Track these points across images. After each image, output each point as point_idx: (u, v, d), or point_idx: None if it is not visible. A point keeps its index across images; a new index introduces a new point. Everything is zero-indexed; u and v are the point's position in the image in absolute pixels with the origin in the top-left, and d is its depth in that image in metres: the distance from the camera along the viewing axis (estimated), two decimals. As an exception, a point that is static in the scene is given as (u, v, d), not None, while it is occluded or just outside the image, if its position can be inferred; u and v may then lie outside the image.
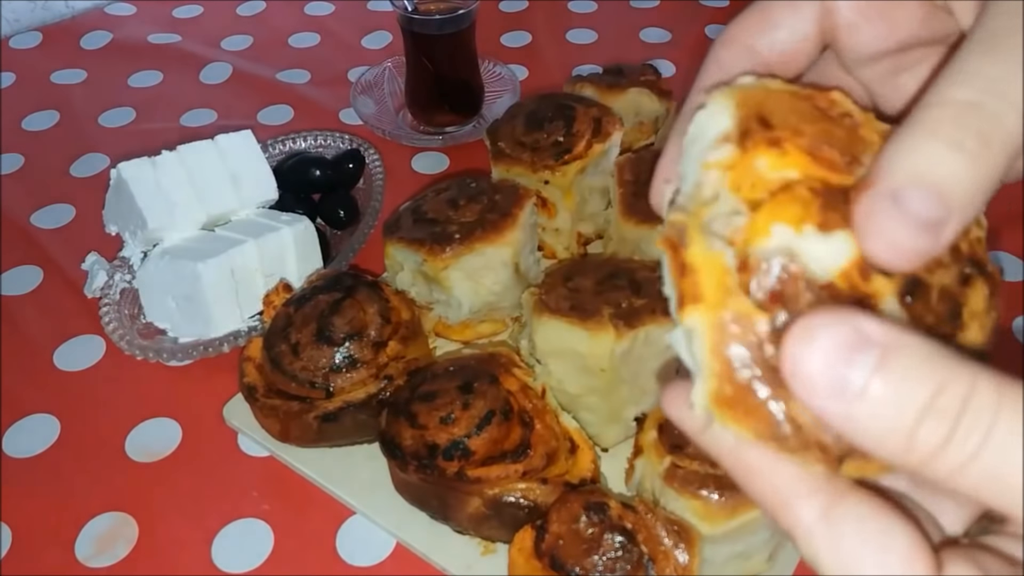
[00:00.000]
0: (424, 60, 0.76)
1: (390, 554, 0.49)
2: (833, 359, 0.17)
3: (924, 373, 0.17)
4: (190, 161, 0.61)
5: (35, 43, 0.94)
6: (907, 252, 0.19)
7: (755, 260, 0.19)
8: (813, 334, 0.18)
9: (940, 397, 0.17)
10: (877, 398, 0.17)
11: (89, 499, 0.52)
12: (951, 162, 0.18)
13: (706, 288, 0.19)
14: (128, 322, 0.60)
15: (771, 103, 0.21)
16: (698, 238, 0.20)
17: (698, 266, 0.19)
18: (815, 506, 0.19)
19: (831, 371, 0.17)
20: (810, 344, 0.17)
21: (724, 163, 0.20)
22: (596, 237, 0.67)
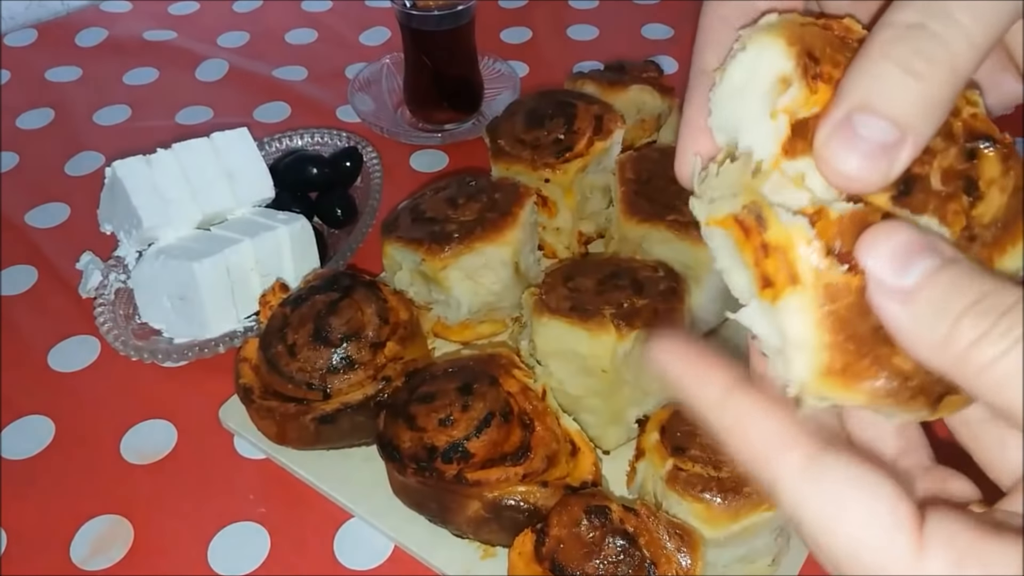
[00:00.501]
0: (423, 56, 0.75)
1: (388, 558, 0.49)
2: (899, 254, 0.18)
3: (972, 284, 0.18)
4: (185, 159, 0.60)
5: (30, 40, 0.93)
6: (863, 176, 0.19)
7: (830, 223, 0.19)
8: (885, 234, 0.19)
9: (983, 302, 0.18)
10: (929, 297, 0.18)
11: (84, 501, 0.52)
12: (899, 84, 0.19)
13: (801, 267, 0.19)
14: (123, 322, 0.60)
15: (809, 37, 0.21)
16: (773, 216, 0.19)
17: (784, 245, 0.19)
18: (797, 457, 0.20)
19: (900, 253, 0.18)
20: (878, 242, 0.18)
21: (793, 106, 0.20)
22: (597, 236, 0.67)
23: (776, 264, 0.19)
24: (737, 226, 0.20)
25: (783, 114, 0.20)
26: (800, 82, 0.20)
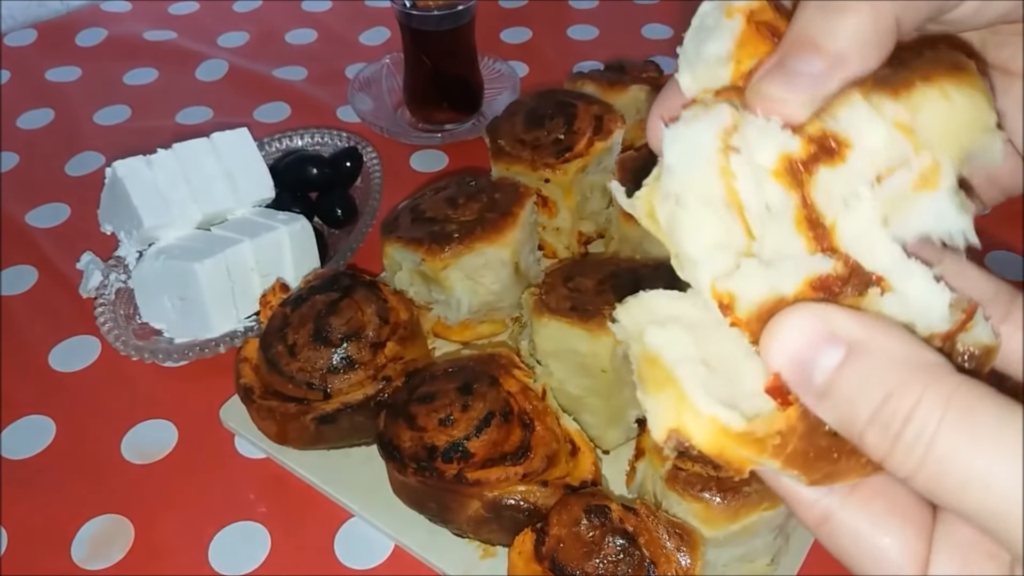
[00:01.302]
0: (423, 56, 0.76)
1: (388, 557, 0.49)
2: (801, 350, 0.19)
3: (880, 377, 0.18)
4: (186, 159, 0.60)
5: (30, 40, 0.93)
6: (791, 98, 0.20)
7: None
8: (784, 327, 0.19)
9: (886, 406, 0.18)
10: (834, 395, 0.18)
11: (85, 501, 0.52)
12: (826, 23, 0.20)
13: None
14: (124, 322, 0.60)
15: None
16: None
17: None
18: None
19: (798, 362, 0.19)
20: (781, 337, 0.19)
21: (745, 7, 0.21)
22: (597, 236, 0.67)
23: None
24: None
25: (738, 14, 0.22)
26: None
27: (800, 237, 0.20)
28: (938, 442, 0.17)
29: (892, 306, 0.20)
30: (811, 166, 0.21)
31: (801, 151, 0.21)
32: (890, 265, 0.20)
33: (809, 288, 0.20)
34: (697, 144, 0.21)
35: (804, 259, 0.20)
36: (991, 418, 0.17)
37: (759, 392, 0.20)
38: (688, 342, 0.20)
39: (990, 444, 0.17)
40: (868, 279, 0.20)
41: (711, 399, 0.19)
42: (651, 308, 0.21)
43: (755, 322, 0.20)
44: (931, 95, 0.20)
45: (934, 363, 0.18)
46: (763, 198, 0.20)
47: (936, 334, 0.20)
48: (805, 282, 0.20)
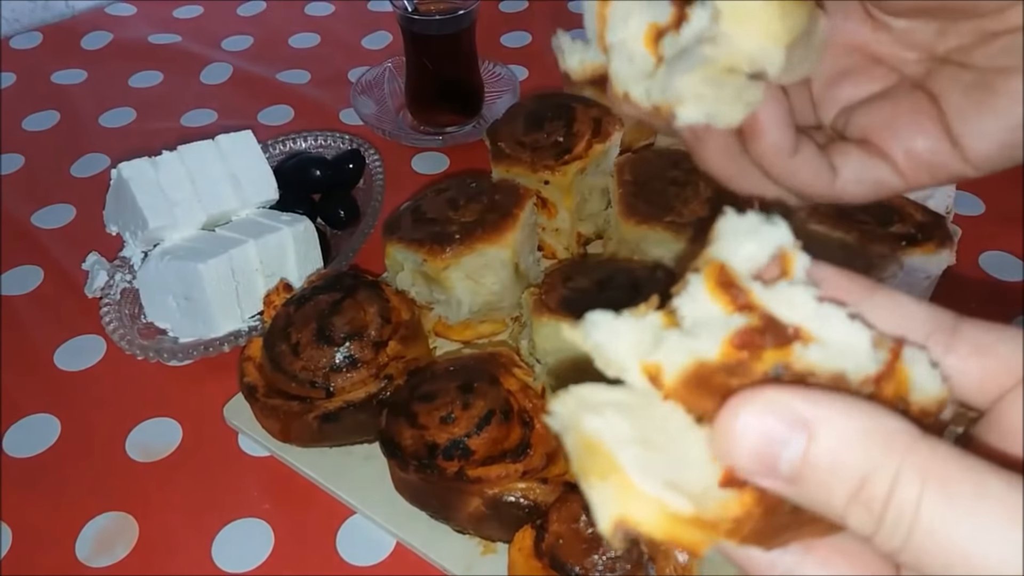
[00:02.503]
0: (424, 60, 0.76)
1: (390, 554, 0.49)
2: (762, 442, 0.18)
3: (851, 456, 0.17)
4: (190, 161, 0.61)
5: (35, 43, 0.94)
6: None
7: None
8: (738, 424, 0.18)
9: (866, 486, 0.17)
10: (808, 482, 0.18)
11: (89, 499, 0.52)
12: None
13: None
14: (129, 322, 0.60)
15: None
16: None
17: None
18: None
19: (761, 455, 0.18)
20: (736, 436, 0.18)
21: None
22: (596, 237, 0.67)
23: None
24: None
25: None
26: None
27: (717, 301, 0.20)
28: (921, 519, 0.17)
29: (817, 356, 0.19)
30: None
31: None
32: (806, 312, 0.20)
33: (731, 347, 0.19)
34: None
35: (722, 319, 0.20)
36: (967, 487, 0.17)
37: (706, 462, 0.19)
38: (626, 425, 0.19)
39: (968, 515, 0.16)
40: (786, 332, 0.20)
41: (656, 482, 0.19)
42: (585, 397, 0.20)
43: (685, 391, 0.19)
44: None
45: (900, 431, 0.17)
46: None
47: (868, 377, 0.19)
48: (726, 342, 0.19)
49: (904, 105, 0.27)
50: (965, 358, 0.21)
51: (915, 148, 0.27)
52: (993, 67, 0.26)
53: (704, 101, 0.24)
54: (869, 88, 0.29)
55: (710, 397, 0.19)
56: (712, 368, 0.19)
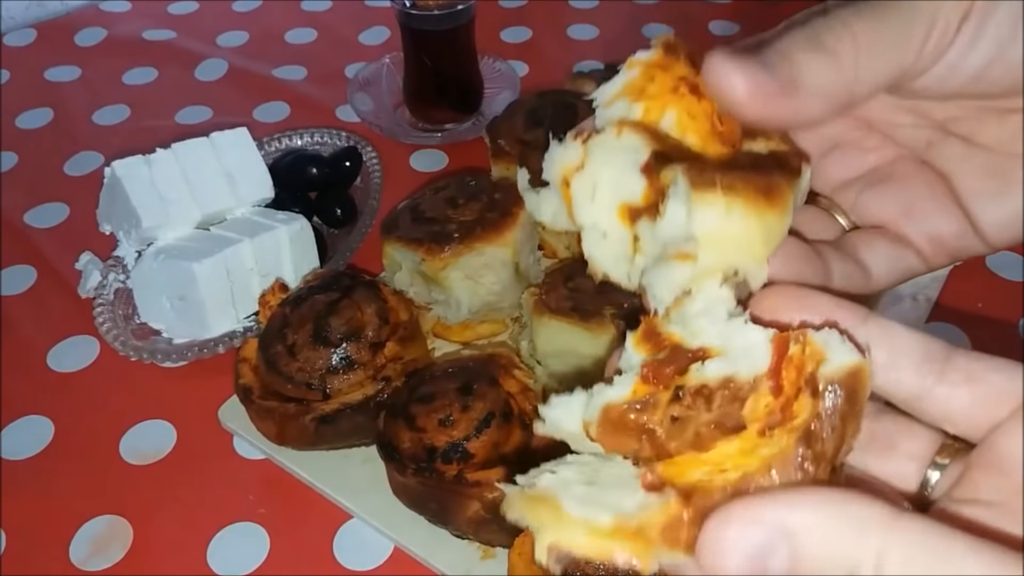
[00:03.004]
0: (422, 56, 0.75)
1: (388, 558, 0.49)
2: (748, 567, 0.18)
3: (833, 558, 0.18)
4: (185, 159, 0.60)
5: (29, 40, 0.93)
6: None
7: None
8: (720, 550, 0.19)
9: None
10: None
11: (83, 502, 0.52)
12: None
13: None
14: (122, 323, 0.60)
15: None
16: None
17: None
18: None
19: (750, 566, 0.18)
20: (723, 561, 0.19)
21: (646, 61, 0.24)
22: (597, 236, 0.66)
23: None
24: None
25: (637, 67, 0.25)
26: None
27: (641, 351, 0.23)
28: None
29: (710, 369, 0.21)
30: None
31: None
32: (714, 333, 0.22)
33: (642, 384, 0.22)
34: (551, 165, 0.25)
35: (631, 358, 0.22)
36: (938, 559, 0.17)
37: (636, 485, 0.21)
38: (573, 473, 0.21)
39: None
40: (686, 356, 0.22)
41: (583, 505, 0.20)
42: (533, 474, 0.22)
43: (606, 434, 0.21)
44: (716, 204, 0.22)
45: (875, 514, 0.18)
46: None
47: (762, 373, 0.20)
48: (637, 381, 0.22)
49: (918, 188, 0.28)
50: (956, 386, 0.21)
51: (939, 234, 0.27)
52: (1008, 152, 0.26)
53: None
54: (864, 162, 0.28)
55: (630, 435, 0.21)
56: (620, 408, 0.21)
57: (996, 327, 0.61)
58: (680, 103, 0.24)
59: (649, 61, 0.24)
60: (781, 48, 0.23)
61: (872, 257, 0.28)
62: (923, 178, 0.28)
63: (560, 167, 0.25)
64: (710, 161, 0.23)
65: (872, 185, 0.28)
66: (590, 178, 0.24)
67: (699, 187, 0.22)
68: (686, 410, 0.21)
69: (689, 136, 0.24)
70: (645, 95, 0.24)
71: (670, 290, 0.23)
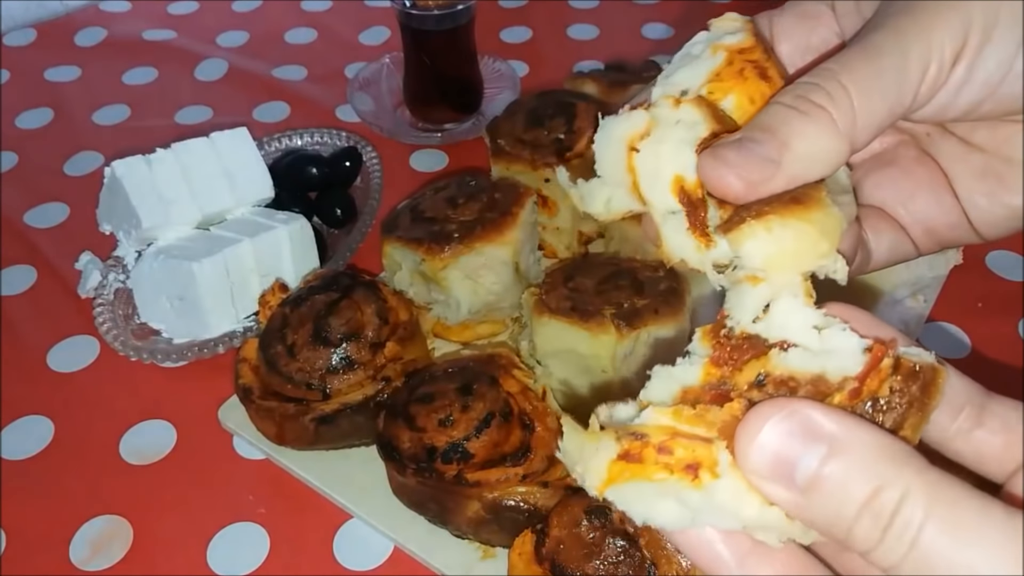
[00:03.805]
0: (422, 56, 0.75)
1: (388, 558, 0.49)
2: (782, 448, 0.19)
3: (865, 471, 0.18)
4: (185, 159, 0.60)
5: (29, 40, 0.93)
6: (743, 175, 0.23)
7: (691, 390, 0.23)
8: (761, 429, 0.19)
9: (876, 498, 0.18)
10: (822, 490, 0.18)
11: (83, 502, 0.52)
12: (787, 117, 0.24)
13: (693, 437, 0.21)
14: (122, 322, 0.60)
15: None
16: (643, 426, 0.21)
17: (670, 431, 0.21)
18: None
19: (779, 460, 0.19)
20: (758, 439, 0.19)
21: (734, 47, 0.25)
22: (598, 236, 0.66)
23: (686, 447, 0.20)
24: (625, 461, 0.21)
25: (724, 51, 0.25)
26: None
27: (706, 344, 0.23)
28: (924, 535, 0.17)
29: (795, 360, 0.21)
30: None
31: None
32: (798, 329, 0.22)
33: (712, 367, 0.22)
34: (611, 137, 0.25)
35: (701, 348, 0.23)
36: (973, 513, 0.17)
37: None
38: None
39: (972, 539, 0.17)
40: (764, 343, 0.22)
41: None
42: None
43: (685, 419, 0.21)
44: (757, 235, 0.23)
45: (912, 455, 0.18)
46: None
47: (849, 377, 0.21)
48: (705, 364, 0.22)
49: (919, 177, 0.29)
50: (995, 433, 0.22)
51: (934, 224, 0.29)
52: (1002, 155, 0.27)
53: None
54: (866, 147, 0.29)
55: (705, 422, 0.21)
56: (697, 390, 0.21)
57: (996, 327, 0.61)
58: (743, 86, 0.24)
59: (735, 46, 0.25)
60: (767, 123, 0.23)
61: (876, 239, 0.29)
62: (924, 169, 0.29)
63: (626, 135, 0.25)
64: None
65: (876, 168, 0.30)
66: (655, 148, 0.24)
67: (733, 229, 0.23)
68: (766, 396, 0.21)
69: (744, 120, 0.24)
70: (718, 77, 0.25)
71: (750, 312, 0.23)
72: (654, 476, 0.20)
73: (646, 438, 0.20)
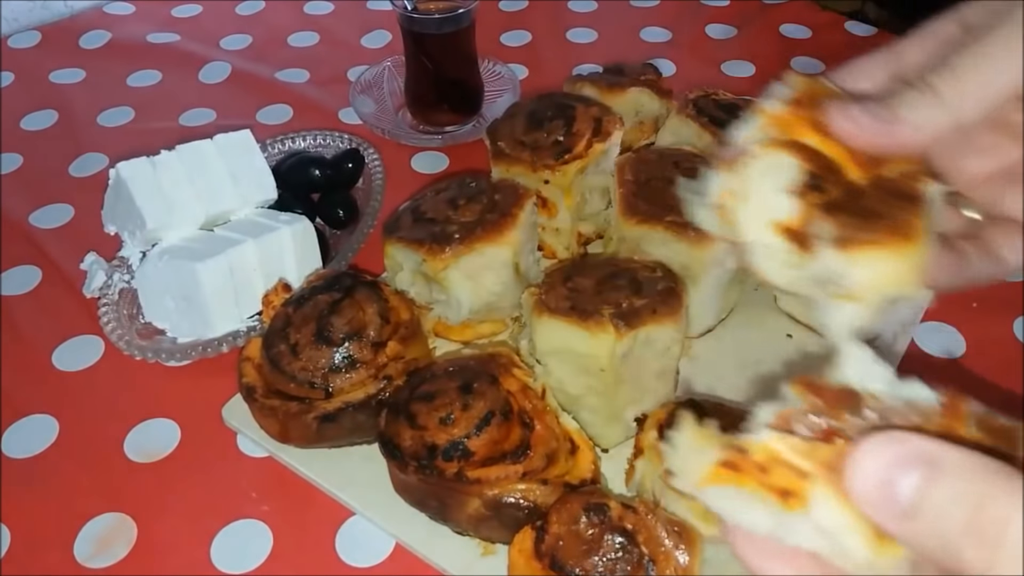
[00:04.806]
0: (424, 59, 0.76)
1: (389, 555, 0.49)
2: (885, 473, 0.19)
3: (965, 491, 0.19)
4: (189, 161, 0.61)
5: (34, 42, 0.94)
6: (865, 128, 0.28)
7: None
8: (865, 455, 0.20)
9: (979, 516, 0.18)
10: (926, 513, 0.19)
11: (88, 499, 0.52)
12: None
13: (800, 464, 0.22)
14: (127, 322, 0.60)
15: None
16: (747, 440, 0.23)
17: (773, 454, 0.22)
18: None
19: (884, 484, 0.19)
20: (863, 464, 0.20)
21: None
22: (596, 237, 0.67)
23: (781, 474, 0.22)
24: (726, 468, 0.22)
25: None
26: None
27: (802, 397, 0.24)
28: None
29: (884, 406, 0.23)
30: None
31: None
32: (883, 385, 0.23)
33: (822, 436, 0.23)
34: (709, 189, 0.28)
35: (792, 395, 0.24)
36: None
37: None
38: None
39: None
40: (857, 399, 0.23)
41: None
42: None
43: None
44: (862, 259, 0.26)
45: (1006, 469, 0.19)
46: None
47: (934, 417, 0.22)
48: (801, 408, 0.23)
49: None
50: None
51: None
52: None
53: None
54: (998, 159, 0.31)
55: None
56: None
57: (992, 327, 0.61)
58: (812, 135, 0.28)
59: (777, 115, 0.28)
60: (888, 96, 0.27)
61: (1009, 249, 0.31)
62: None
63: (718, 194, 0.28)
64: (851, 186, 0.27)
65: (1005, 183, 0.31)
66: (744, 199, 0.27)
67: (844, 247, 0.25)
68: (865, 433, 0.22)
69: (830, 153, 0.27)
70: (784, 128, 0.28)
71: (842, 329, 0.26)
72: (749, 488, 0.22)
73: (748, 454, 0.22)
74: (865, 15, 1.31)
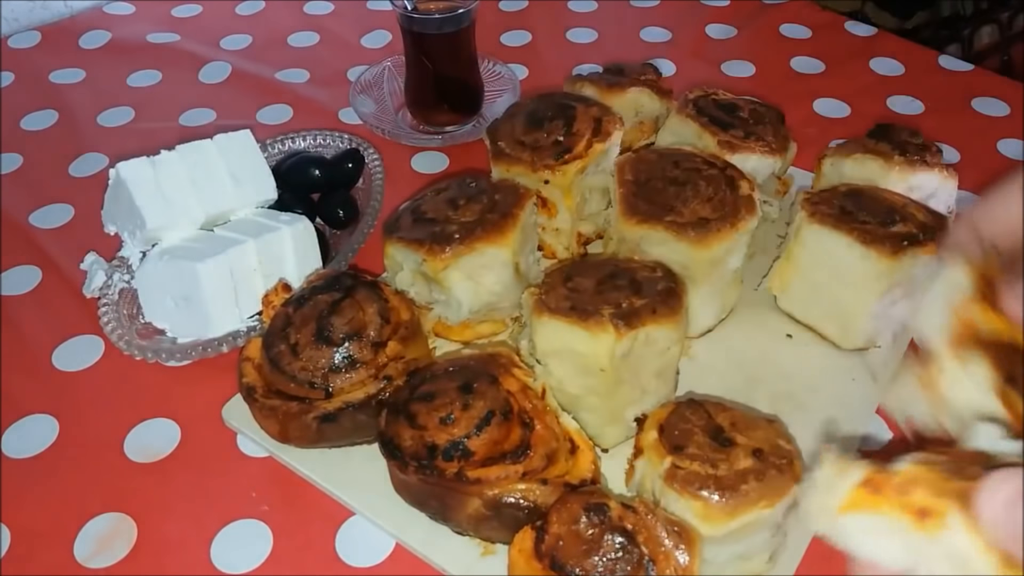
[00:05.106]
0: (424, 59, 0.76)
1: (389, 555, 0.49)
2: (1011, 502, 0.21)
3: None
4: (189, 161, 0.61)
5: (34, 42, 0.94)
6: None
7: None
8: (992, 486, 0.22)
9: None
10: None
11: (88, 499, 0.52)
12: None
13: (939, 487, 0.24)
14: (127, 322, 0.60)
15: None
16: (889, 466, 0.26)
17: (915, 474, 0.24)
18: None
19: (1007, 520, 0.21)
20: (991, 493, 0.22)
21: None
22: (596, 237, 0.67)
23: (920, 495, 0.23)
24: (867, 488, 0.24)
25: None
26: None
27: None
28: None
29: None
30: None
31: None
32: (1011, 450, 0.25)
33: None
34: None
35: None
36: None
37: None
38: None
39: None
40: (985, 457, 0.25)
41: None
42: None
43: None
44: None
45: None
46: None
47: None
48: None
49: None
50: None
51: None
52: None
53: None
54: None
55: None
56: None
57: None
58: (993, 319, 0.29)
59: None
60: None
61: None
62: None
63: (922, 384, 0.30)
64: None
65: None
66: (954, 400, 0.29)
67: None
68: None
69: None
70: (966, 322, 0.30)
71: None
72: (887, 511, 0.23)
73: (891, 475, 0.24)
74: (865, 15, 1.31)
